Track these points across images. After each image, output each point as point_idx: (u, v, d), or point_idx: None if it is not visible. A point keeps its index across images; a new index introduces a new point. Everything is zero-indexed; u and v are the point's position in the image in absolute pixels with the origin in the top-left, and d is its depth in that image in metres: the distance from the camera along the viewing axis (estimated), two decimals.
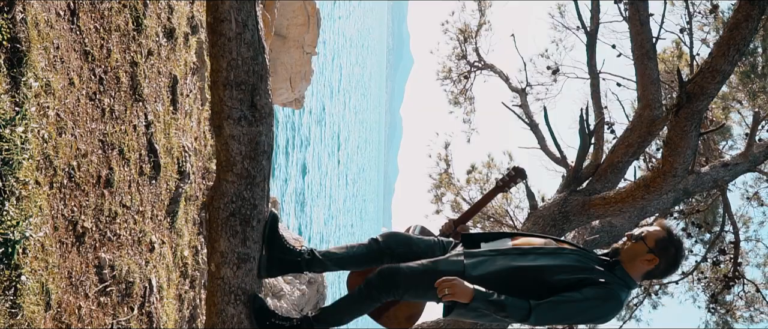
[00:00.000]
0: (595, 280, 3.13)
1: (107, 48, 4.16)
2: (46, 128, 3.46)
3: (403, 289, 3.16)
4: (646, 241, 3.21)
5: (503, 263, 3.18)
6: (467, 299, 2.94)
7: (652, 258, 3.19)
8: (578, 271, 3.16)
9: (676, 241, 3.25)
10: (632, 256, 3.22)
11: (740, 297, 9.96)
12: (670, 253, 3.21)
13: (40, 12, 3.42)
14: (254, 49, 3.06)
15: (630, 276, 3.21)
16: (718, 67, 4.24)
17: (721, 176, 6.94)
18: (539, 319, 3.03)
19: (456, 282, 2.96)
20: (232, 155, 3.06)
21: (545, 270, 3.15)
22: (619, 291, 3.15)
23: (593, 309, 3.11)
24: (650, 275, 3.30)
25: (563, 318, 3.10)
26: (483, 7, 9.39)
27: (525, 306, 3.00)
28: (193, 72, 6.16)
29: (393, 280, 3.14)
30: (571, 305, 3.06)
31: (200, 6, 6.42)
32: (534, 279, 3.12)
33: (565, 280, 3.11)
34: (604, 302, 3.11)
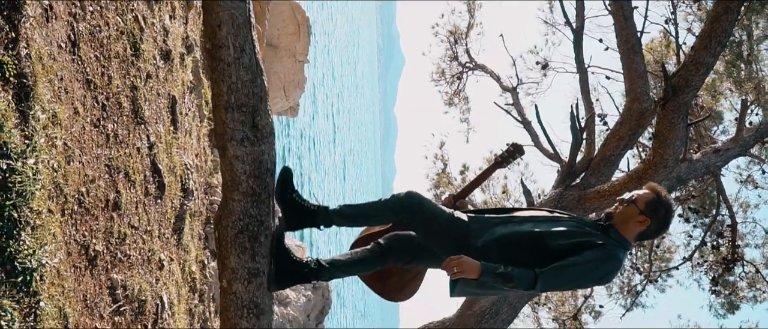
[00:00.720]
0: (593, 242, 3.27)
1: (108, 75, 4.28)
2: (55, 158, 3.58)
3: (418, 218, 3.33)
4: (637, 204, 3.36)
5: (503, 231, 3.33)
6: (476, 275, 3.07)
7: (643, 220, 3.34)
8: (575, 236, 3.31)
9: (665, 202, 3.40)
10: (625, 219, 3.37)
11: (742, 278, 10.10)
12: (660, 214, 3.36)
13: (42, 46, 3.54)
14: (253, 72, 3.18)
15: (624, 237, 3.36)
16: (702, 60, 4.38)
17: (713, 162, 7.08)
18: (545, 285, 3.17)
19: (464, 260, 3.08)
20: (237, 174, 3.18)
21: (544, 236, 3.29)
22: (617, 251, 3.30)
23: (595, 270, 3.23)
24: (643, 236, 3.45)
25: (568, 281, 3.25)
26: (472, 8, 9.51)
27: (531, 275, 3.13)
28: (191, 91, 6.29)
29: (420, 203, 3.33)
30: (574, 268, 3.19)
31: (194, 26, 6.55)
32: (533, 246, 3.26)
33: (563, 245, 3.26)
34: (604, 262, 3.24)
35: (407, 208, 3.36)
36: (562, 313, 10.53)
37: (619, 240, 3.34)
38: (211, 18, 3.16)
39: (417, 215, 3.35)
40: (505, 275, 3.09)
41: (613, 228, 3.38)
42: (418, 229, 3.47)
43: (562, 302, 10.65)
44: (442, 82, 10.17)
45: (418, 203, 3.35)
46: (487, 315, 5.69)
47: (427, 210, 3.35)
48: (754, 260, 9.80)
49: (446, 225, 3.33)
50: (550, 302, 10.69)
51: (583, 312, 10.56)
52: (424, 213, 3.35)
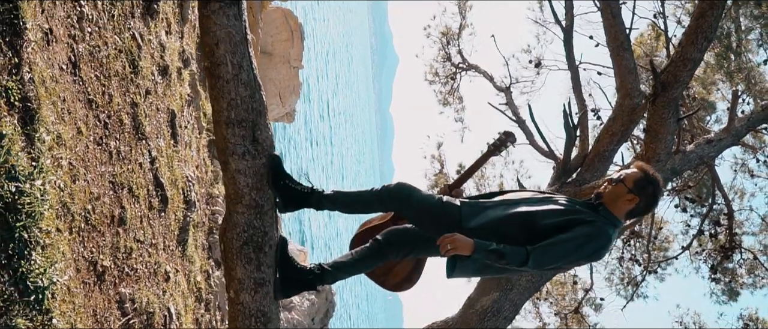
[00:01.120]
0: (583, 220, 3.35)
1: (108, 94, 4.37)
2: (62, 178, 3.67)
3: (410, 208, 3.42)
4: (626, 183, 3.44)
5: (495, 213, 3.41)
6: (469, 251, 3.15)
7: (632, 198, 3.42)
8: (565, 214, 3.38)
9: (653, 180, 3.48)
10: (614, 198, 3.45)
11: (740, 265, 10.21)
12: (648, 192, 3.44)
13: (45, 69, 3.63)
14: (251, 88, 3.27)
15: (614, 215, 3.44)
16: (689, 56, 4.47)
17: (707, 152, 7.16)
18: (537, 262, 3.23)
19: (456, 237, 3.16)
20: (240, 187, 3.27)
21: (534, 215, 3.36)
22: (607, 228, 3.37)
23: (585, 246, 3.30)
24: (633, 213, 3.52)
25: (559, 257, 3.29)
26: (463, 9, 9.61)
27: (522, 252, 3.20)
28: (189, 104, 6.38)
29: (407, 195, 3.41)
30: (565, 244, 3.26)
31: (189, 40, 6.64)
32: (524, 226, 3.33)
33: (553, 224, 3.33)
34: (594, 239, 3.32)
35: (396, 197, 3.44)
36: (563, 307, 10.63)
37: (609, 218, 3.42)
38: (208, 37, 3.25)
39: (406, 204, 3.43)
40: (498, 251, 3.17)
41: (603, 207, 3.46)
42: (411, 218, 3.55)
43: (562, 296, 10.75)
44: (436, 82, 10.27)
45: (408, 193, 3.43)
46: (489, 313, 5.78)
47: (416, 199, 3.42)
48: (752, 247, 9.92)
49: (438, 211, 3.40)
50: (551, 296, 10.80)
51: (584, 305, 10.66)
52: (414, 202, 3.42)
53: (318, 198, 3.51)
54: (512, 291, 5.80)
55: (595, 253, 3.41)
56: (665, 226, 10.39)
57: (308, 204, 3.50)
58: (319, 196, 3.52)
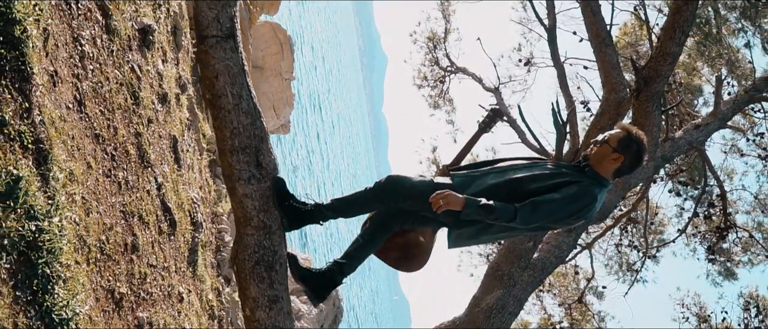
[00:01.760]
0: (569, 181, 3.53)
1: (113, 127, 4.54)
2: (76, 212, 3.84)
3: (404, 196, 3.59)
4: (610, 142, 3.64)
5: (485, 182, 3.59)
6: (459, 206, 3.33)
7: (617, 157, 3.60)
8: (552, 177, 3.56)
9: (636, 138, 3.66)
10: (600, 158, 3.64)
11: (736, 243, 10.41)
12: (632, 149, 3.63)
13: (53, 110, 3.79)
14: (252, 116, 3.45)
15: (601, 175, 3.62)
16: (668, 50, 4.65)
17: (695, 137, 7.37)
18: (524, 219, 3.40)
19: (448, 193, 3.35)
20: (248, 211, 3.45)
21: (522, 181, 3.55)
22: (593, 188, 3.55)
23: (570, 205, 3.48)
24: (619, 172, 3.68)
25: (546, 215, 3.46)
26: (447, 13, 9.79)
27: (511, 208, 3.37)
28: (188, 127, 6.55)
29: (399, 186, 3.58)
30: (551, 203, 3.44)
31: (184, 65, 6.81)
32: (513, 192, 3.50)
33: (541, 187, 3.51)
34: (580, 198, 3.49)
35: (389, 191, 3.62)
36: (567, 298, 10.82)
37: (595, 178, 3.60)
38: (208, 71, 3.42)
39: (400, 193, 3.60)
40: (487, 206, 3.34)
41: (590, 168, 3.64)
42: (408, 205, 3.69)
43: (565, 287, 10.94)
44: (426, 86, 10.44)
45: (400, 183, 3.60)
46: (494, 310, 5.94)
47: (409, 186, 3.60)
48: (746, 225, 10.11)
49: (432, 191, 3.51)
50: (554, 288, 10.99)
51: (587, 294, 10.86)
52: (408, 190, 3.59)
53: (320, 212, 3.69)
54: (515, 287, 5.98)
55: (580, 211, 3.55)
56: (660, 211, 10.59)
57: (312, 220, 3.69)
58: (321, 209, 3.70)
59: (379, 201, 3.72)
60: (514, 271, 5.92)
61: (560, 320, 11.25)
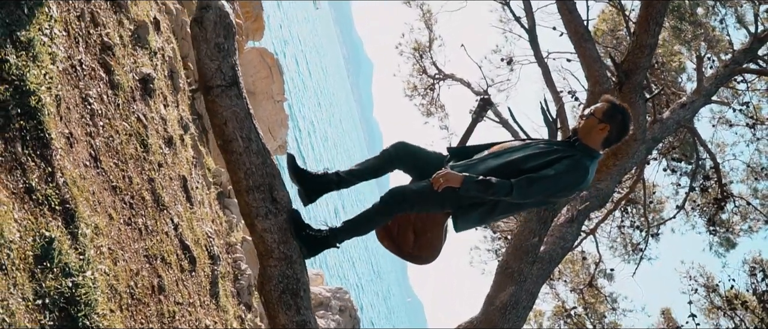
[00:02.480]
0: (562, 156, 3.75)
1: (128, 176, 4.76)
2: (105, 263, 4.06)
3: (410, 203, 3.78)
4: (596, 114, 3.86)
5: (483, 167, 3.79)
6: (458, 183, 3.55)
7: (603, 127, 3.82)
8: (545, 155, 3.77)
9: (620, 108, 3.89)
10: (588, 130, 3.85)
11: (734, 213, 10.62)
12: (617, 119, 3.84)
13: (73, 170, 4.02)
14: (262, 156, 3.67)
15: (591, 147, 3.83)
16: (644, 43, 4.88)
17: (682, 116, 7.59)
18: (520, 193, 3.61)
19: (448, 172, 3.58)
20: (269, 244, 3.66)
21: (517, 162, 3.75)
22: (584, 160, 3.76)
23: (565, 177, 3.69)
24: (607, 142, 3.90)
25: (541, 189, 3.67)
26: (429, 23, 10.02)
27: (507, 184, 3.58)
28: (194, 164, 6.78)
29: (402, 197, 3.76)
30: (546, 179, 3.65)
31: (183, 105, 7.04)
32: (511, 174, 3.69)
33: (536, 165, 3.71)
34: (572, 171, 3.70)
35: (394, 204, 3.79)
36: (578, 284, 11.04)
37: (585, 151, 3.81)
38: (217, 119, 3.64)
39: (406, 203, 3.78)
40: (485, 182, 3.56)
41: (579, 141, 3.86)
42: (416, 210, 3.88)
43: (575, 273, 11.16)
44: (416, 95, 10.65)
45: (402, 194, 3.79)
46: (509, 306, 6.12)
47: (411, 194, 3.79)
48: (742, 193, 10.34)
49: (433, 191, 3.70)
50: (564, 275, 11.21)
51: (597, 278, 11.08)
52: (412, 197, 3.79)
53: (335, 236, 3.91)
54: (526, 282, 6.17)
55: (574, 185, 3.78)
56: (657, 189, 10.81)
57: (329, 245, 3.91)
58: (336, 233, 3.92)
59: (387, 215, 3.93)
60: (523, 267, 6.11)
61: (574, 305, 11.48)
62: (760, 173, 9.86)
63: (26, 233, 3.39)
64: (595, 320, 11.42)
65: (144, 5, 6.12)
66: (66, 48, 4.35)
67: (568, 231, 6.73)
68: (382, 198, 3.90)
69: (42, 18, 4.08)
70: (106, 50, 4.93)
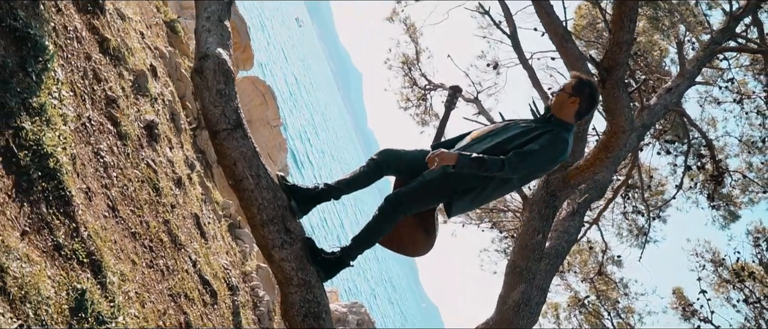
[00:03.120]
0: (542, 132, 4.05)
1: (145, 221, 4.99)
2: (134, 307, 4.28)
3: (407, 204, 4.01)
4: (565, 90, 4.21)
5: (464, 143, 4.10)
6: (453, 161, 3.79)
7: (574, 100, 4.17)
8: (527, 133, 4.06)
9: (587, 82, 4.27)
10: (560, 105, 4.20)
11: (733, 186, 10.83)
12: (585, 92, 4.20)
13: (94, 222, 4.24)
14: (272, 190, 3.89)
15: (565, 121, 4.16)
16: (621, 39, 5.06)
17: (669, 100, 7.82)
18: (511, 168, 3.88)
19: (441, 152, 3.80)
20: (287, 272, 3.88)
21: (502, 143, 4.03)
22: (562, 133, 4.08)
23: (548, 151, 3.98)
24: (579, 114, 4.23)
25: (530, 163, 3.95)
26: (414, 37, 10.27)
27: (499, 160, 3.86)
28: (204, 201, 7.00)
29: (397, 200, 4.01)
30: (532, 153, 3.94)
31: (187, 145, 7.27)
32: (498, 154, 3.94)
33: (521, 144, 4.00)
34: (555, 143, 4.01)
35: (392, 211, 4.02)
36: (588, 273, 11.24)
37: (561, 125, 4.13)
38: (226, 160, 3.87)
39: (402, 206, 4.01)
40: (478, 159, 3.82)
41: (554, 117, 4.19)
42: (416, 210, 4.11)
43: (584, 263, 11.36)
44: (410, 107, 10.89)
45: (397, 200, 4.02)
46: (522, 304, 6.31)
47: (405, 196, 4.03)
48: (739, 167, 10.55)
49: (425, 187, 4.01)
50: (573, 267, 11.41)
51: (605, 265, 11.28)
52: (407, 199, 4.02)
53: (347, 256, 4.13)
54: (535, 278, 6.37)
55: (558, 155, 4.08)
56: (655, 172, 11.02)
57: (344, 265, 4.12)
58: (348, 252, 4.14)
59: (390, 222, 4.13)
60: (531, 264, 6.30)
61: (587, 294, 11.68)
62: (752, 147, 10.06)
63: (60, 288, 3.60)
64: (608, 306, 11.63)
65: (140, 54, 6.35)
66: (74, 107, 4.58)
67: (571, 225, 6.95)
68: (379, 208, 4.13)
69: (50, 82, 4.30)
70: (110, 104, 5.16)
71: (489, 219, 11.20)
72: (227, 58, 4.08)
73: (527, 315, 6.36)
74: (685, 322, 11.05)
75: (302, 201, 4.05)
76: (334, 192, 4.22)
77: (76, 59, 4.91)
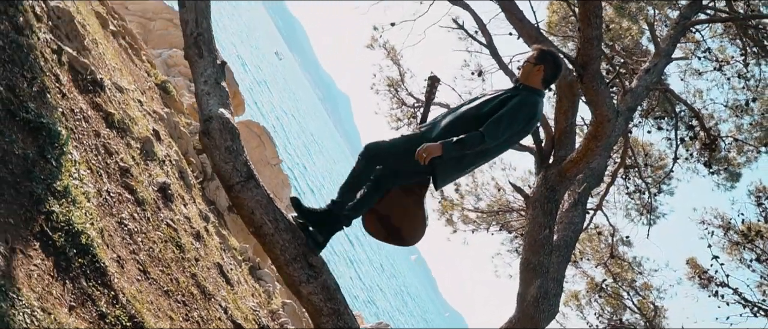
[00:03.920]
0: (511, 96, 4.40)
1: (174, 278, 5.27)
2: None
3: (384, 155, 4.38)
4: (530, 60, 4.61)
5: (445, 122, 4.38)
6: (439, 151, 4.08)
7: (539, 68, 4.55)
8: (496, 99, 4.41)
9: (548, 51, 4.69)
10: (526, 74, 4.59)
11: (729, 151, 11.08)
12: (548, 59, 4.61)
13: (130, 287, 4.52)
14: (291, 231, 4.17)
15: (532, 86, 4.52)
16: (590, 36, 5.36)
17: (649, 80, 8.10)
18: (490, 136, 4.19)
19: (427, 145, 4.09)
20: (317, 304, 4.16)
21: (473, 110, 4.37)
22: (530, 96, 4.44)
23: (520, 112, 4.32)
24: (546, 81, 4.61)
25: (506, 127, 4.26)
26: (396, 60, 10.58)
27: (478, 134, 4.18)
28: (223, 249, 7.29)
29: (377, 148, 4.36)
30: (504, 116, 4.27)
31: (197, 198, 7.56)
32: (471, 121, 4.30)
33: (490, 109, 4.33)
34: (525, 105, 4.36)
35: (374, 154, 4.36)
36: (601, 258, 11.48)
37: (528, 90, 4.48)
38: (244, 210, 4.16)
39: (380, 156, 4.38)
40: (460, 141, 4.12)
41: (522, 85, 4.54)
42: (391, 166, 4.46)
43: (595, 249, 11.61)
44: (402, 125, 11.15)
45: (378, 146, 4.37)
46: (540, 298, 6.51)
47: (386, 151, 4.36)
48: (730, 131, 10.80)
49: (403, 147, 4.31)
50: (585, 254, 11.66)
51: (617, 248, 11.52)
52: (386, 154, 4.37)
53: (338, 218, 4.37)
54: (549, 272, 6.61)
55: (530, 116, 4.41)
56: (652, 149, 11.28)
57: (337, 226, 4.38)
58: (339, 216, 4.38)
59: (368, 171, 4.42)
60: (543, 259, 6.53)
61: (603, 278, 11.90)
62: (739, 110, 10.32)
63: None
64: (626, 286, 11.84)
65: (142, 122, 6.67)
66: (93, 184, 4.88)
67: (575, 215, 7.20)
68: (360, 155, 4.43)
69: (68, 164, 4.60)
70: (124, 174, 5.46)
71: (496, 222, 11.47)
72: (230, 116, 4.38)
73: (547, 307, 6.57)
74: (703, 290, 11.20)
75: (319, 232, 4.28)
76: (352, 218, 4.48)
77: (87, 138, 5.22)
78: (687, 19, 8.61)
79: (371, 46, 10.47)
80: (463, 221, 11.44)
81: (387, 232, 4.80)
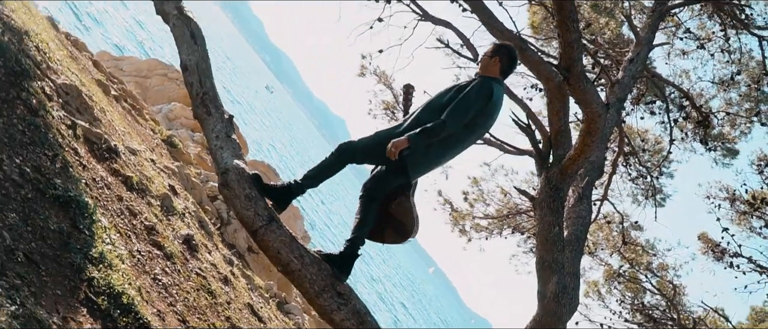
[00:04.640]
0: (469, 84, 4.69)
1: (211, 324, 5.55)
2: None
3: (360, 153, 4.65)
4: (487, 53, 4.93)
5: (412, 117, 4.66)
6: (406, 143, 4.37)
7: (495, 60, 4.88)
8: (454, 88, 4.71)
9: (504, 44, 5.08)
10: (485, 67, 4.90)
11: (723, 125, 11.34)
12: (503, 51, 4.90)
13: None
14: (317, 264, 4.45)
15: (491, 77, 4.81)
16: (570, 39, 5.64)
17: (634, 70, 8.39)
18: (452, 120, 4.48)
19: (394, 141, 4.38)
20: None
21: (436, 100, 4.66)
22: (488, 82, 4.71)
23: (479, 95, 4.59)
24: (504, 71, 4.92)
25: (464, 109, 4.55)
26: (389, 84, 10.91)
27: (440, 121, 4.47)
28: (250, 289, 7.57)
29: (350, 148, 4.64)
30: (462, 100, 4.55)
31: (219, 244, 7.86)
32: (434, 110, 4.58)
33: (450, 97, 4.62)
34: (483, 88, 4.63)
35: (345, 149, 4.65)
36: (614, 245, 11.72)
37: (488, 79, 4.75)
38: (270, 251, 4.44)
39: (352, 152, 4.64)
40: (424, 130, 4.40)
41: (482, 76, 4.82)
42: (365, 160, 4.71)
43: (607, 239, 11.86)
44: None
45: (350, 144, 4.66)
46: (559, 293, 6.74)
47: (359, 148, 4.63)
48: (721, 107, 11.06)
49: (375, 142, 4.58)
50: (599, 245, 11.90)
51: (628, 234, 11.76)
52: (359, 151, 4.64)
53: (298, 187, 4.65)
54: (564, 267, 6.85)
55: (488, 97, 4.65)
56: (646, 135, 11.56)
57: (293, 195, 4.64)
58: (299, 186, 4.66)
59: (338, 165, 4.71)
60: (557, 255, 6.76)
61: (620, 265, 12.14)
62: (724, 85, 10.58)
63: None
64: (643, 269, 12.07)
65: (158, 179, 6.97)
66: (124, 245, 5.17)
67: (581, 209, 7.47)
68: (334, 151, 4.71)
69: (100, 231, 4.90)
70: (150, 232, 5.75)
71: (507, 225, 11.74)
72: (245, 166, 4.67)
73: (567, 301, 6.80)
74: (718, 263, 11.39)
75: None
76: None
77: (111, 203, 5.52)
78: (662, 5, 8.91)
79: (362, 74, 10.79)
80: (475, 230, 11.73)
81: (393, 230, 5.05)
